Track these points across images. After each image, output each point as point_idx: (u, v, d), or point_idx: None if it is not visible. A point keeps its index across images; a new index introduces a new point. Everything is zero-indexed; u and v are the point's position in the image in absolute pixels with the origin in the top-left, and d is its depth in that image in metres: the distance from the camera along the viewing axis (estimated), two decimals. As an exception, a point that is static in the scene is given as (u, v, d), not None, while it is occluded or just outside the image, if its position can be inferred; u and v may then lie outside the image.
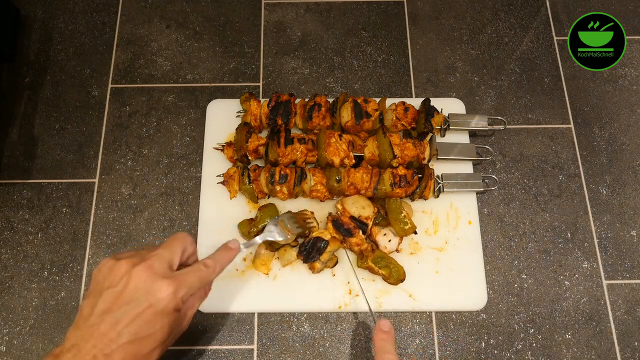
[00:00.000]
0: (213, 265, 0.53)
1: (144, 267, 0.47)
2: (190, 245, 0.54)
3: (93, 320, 0.46)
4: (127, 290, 0.46)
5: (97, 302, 0.47)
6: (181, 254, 0.52)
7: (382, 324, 0.59)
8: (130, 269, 0.47)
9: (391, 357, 0.56)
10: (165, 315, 0.47)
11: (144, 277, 0.47)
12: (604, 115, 0.84)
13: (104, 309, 0.46)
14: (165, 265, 0.49)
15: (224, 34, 0.89)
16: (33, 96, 0.84)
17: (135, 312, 0.45)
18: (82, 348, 0.44)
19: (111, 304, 0.46)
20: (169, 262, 0.50)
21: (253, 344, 0.70)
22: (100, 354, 0.44)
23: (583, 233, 0.77)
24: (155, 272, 0.47)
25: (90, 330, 0.45)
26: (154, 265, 0.48)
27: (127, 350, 0.45)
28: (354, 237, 0.69)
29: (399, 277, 0.69)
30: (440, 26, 0.90)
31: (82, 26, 0.89)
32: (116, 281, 0.47)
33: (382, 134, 0.73)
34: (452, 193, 0.76)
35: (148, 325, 0.46)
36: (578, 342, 0.71)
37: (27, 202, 0.77)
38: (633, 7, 0.91)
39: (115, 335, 0.45)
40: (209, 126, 0.81)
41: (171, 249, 0.51)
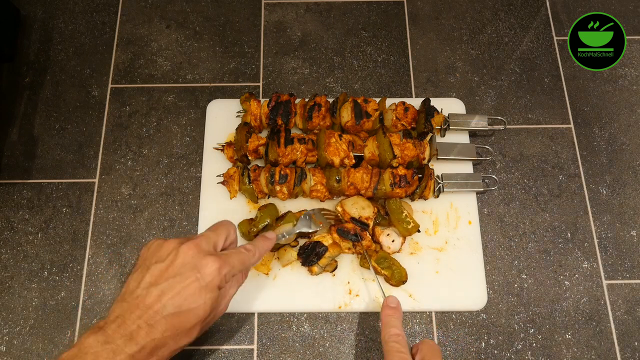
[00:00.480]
0: (253, 250, 0.56)
1: (192, 245, 0.50)
2: (233, 233, 0.57)
3: (139, 292, 0.47)
4: (175, 264, 0.48)
5: (144, 276, 0.48)
6: (225, 239, 0.55)
7: (390, 300, 0.62)
8: (178, 246, 0.50)
9: (396, 331, 0.57)
10: (209, 290, 0.49)
11: (191, 254, 0.49)
12: (604, 115, 0.84)
13: (150, 282, 0.48)
14: (210, 245, 0.52)
15: (224, 34, 0.89)
16: (33, 96, 0.84)
17: (181, 286, 0.47)
18: (127, 319, 0.45)
19: (158, 277, 0.48)
20: (214, 243, 0.52)
21: (253, 344, 0.70)
22: (145, 324, 0.45)
23: (583, 233, 0.77)
24: (201, 249, 0.50)
25: (136, 301, 0.47)
26: (200, 243, 0.51)
27: (170, 322, 0.46)
28: (365, 240, 0.69)
29: (400, 278, 0.69)
30: (440, 26, 0.90)
31: (82, 26, 0.89)
32: (164, 256, 0.49)
33: (382, 134, 0.73)
34: (452, 193, 0.76)
35: (192, 299, 0.47)
36: (578, 342, 0.71)
37: (27, 202, 0.77)
38: (633, 7, 0.91)
39: (160, 307, 0.46)
40: (209, 126, 0.81)
41: (217, 231, 0.54)
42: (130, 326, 0.45)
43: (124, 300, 0.47)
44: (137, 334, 0.45)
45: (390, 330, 0.58)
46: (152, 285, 0.47)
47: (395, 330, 0.57)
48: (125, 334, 0.45)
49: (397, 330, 0.57)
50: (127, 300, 0.47)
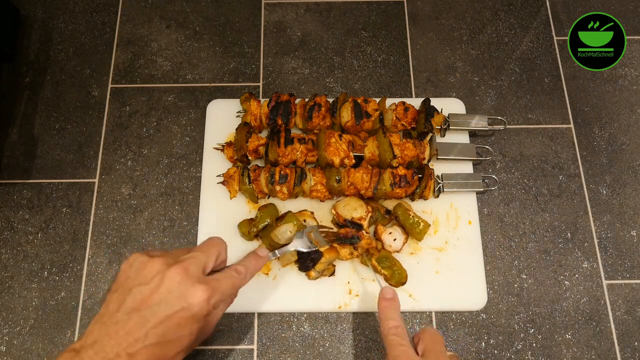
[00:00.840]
0: (244, 272, 0.52)
1: (179, 269, 0.46)
2: (224, 252, 0.53)
3: (119, 317, 0.44)
4: (160, 290, 0.45)
5: (125, 298, 0.45)
6: (215, 259, 0.50)
7: (385, 291, 0.60)
8: (164, 268, 0.46)
9: (395, 323, 0.55)
10: (195, 320, 0.46)
11: (178, 279, 0.45)
12: (604, 115, 0.84)
13: (132, 307, 0.44)
14: (200, 269, 0.48)
15: (224, 34, 0.89)
16: (33, 96, 0.84)
17: (165, 314, 0.44)
18: (106, 345, 0.43)
19: (140, 302, 0.45)
20: (203, 266, 0.48)
21: (253, 344, 0.70)
22: (124, 352, 0.42)
23: (583, 233, 0.77)
24: (190, 275, 0.46)
25: (116, 327, 0.43)
26: (189, 268, 0.46)
27: (152, 351, 0.43)
28: (364, 239, 0.69)
29: (400, 279, 0.69)
30: (440, 26, 0.90)
31: (82, 26, 0.89)
32: (148, 279, 0.46)
33: (382, 134, 0.73)
34: (452, 193, 0.76)
35: (177, 329, 0.45)
36: (578, 342, 0.71)
37: (27, 202, 0.77)
38: (633, 7, 0.91)
39: (142, 335, 0.43)
40: (209, 126, 0.81)
41: (207, 252, 0.50)
42: (108, 354, 0.42)
43: (103, 324, 0.44)
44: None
45: (389, 322, 0.55)
46: (133, 310, 0.44)
47: (394, 322, 0.55)
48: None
49: (395, 322, 0.55)
50: (106, 323, 0.44)
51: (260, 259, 0.57)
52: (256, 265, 0.56)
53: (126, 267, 0.48)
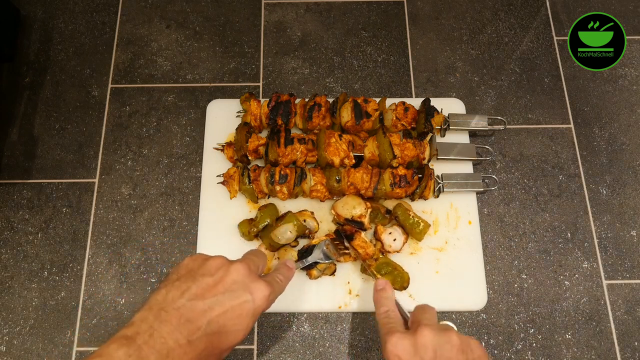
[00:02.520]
0: (284, 280, 0.56)
1: (243, 264, 0.48)
2: (264, 264, 0.55)
3: (182, 303, 0.43)
4: (225, 280, 0.46)
5: (190, 286, 0.45)
6: (264, 264, 0.54)
7: (378, 282, 0.61)
8: (228, 263, 0.48)
9: (384, 308, 0.57)
10: (255, 314, 0.47)
11: (243, 273, 0.47)
12: (604, 115, 0.84)
13: (197, 294, 0.44)
14: (257, 269, 0.51)
15: (224, 34, 0.89)
16: (33, 96, 0.84)
17: (230, 304, 0.45)
18: (164, 332, 0.41)
19: (206, 290, 0.45)
20: (257, 268, 0.51)
21: (253, 344, 0.70)
22: (185, 339, 0.41)
23: (583, 233, 0.77)
24: (252, 271, 0.48)
25: (177, 313, 0.42)
26: (250, 265, 0.49)
27: (210, 341, 0.43)
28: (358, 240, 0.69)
29: (402, 283, 0.69)
30: (440, 26, 0.90)
31: (82, 26, 0.89)
32: (213, 270, 0.47)
33: (382, 134, 0.73)
34: (452, 193, 0.76)
35: (238, 321, 0.45)
36: (578, 342, 0.71)
37: (27, 202, 0.77)
38: (633, 7, 0.91)
39: (204, 323, 0.43)
40: (209, 126, 0.81)
41: (259, 257, 0.53)
42: (167, 340, 0.40)
43: (162, 310, 0.42)
44: (173, 352, 0.40)
45: (380, 309, 0.57)
46: (198, 297, 0.44)
47: (384, 308, 0.56)
48: (160, 349, 0.40)
49: (386, 307, 0.57)
50: (165, 309, 0.42)
51: (290, 269, 0.58)
52: (289, 275, 0.58)
53: (189, 261, 0.49)
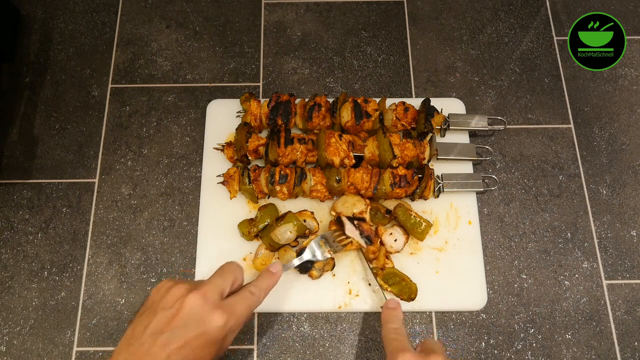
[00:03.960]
0: (258, 292, 0.55)
1: (198, 295, 0.49)
2: (240, 276, 0.56)
3: (144, 339, 0.47)
4: (180, 314, 0.48)
5: (150, 321, 0.49)
6: (231, 284, 0.54)
7: (389, 302, 0.63)
8: (185, 293, 0.50)
9: (393, 325, 0.59)
10: (213, 344, 0.49)
11: (198, 304, 0.49)
12: (604, 115, 0.84)
13: (156, 329, 0.48)
14: (217, 294, 0.51)
15: (224, 34, 0.89)
16: (33, 96, 0.84)
17: (186, 337, 0.47)
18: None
19: (164, 325, 0.48)
20: (221, 291, 0.52)
21: (253, 344, 0.70)
22: None
23: (583, 233, 0.77)
24: (208, 300, 0.50)
25: (141, 348, 0.47)
26: (207, 293, 0.50)
27: None
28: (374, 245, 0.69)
29: (410, 294, 0.69)
30: (440, 26, 0.90)
31: (82, 26, 0.89)
32: (170, 303, 0.50)
33: (382, 134, 0.73)
34: (452, 193, 0.76)
35: (196, 352, 0.48)
36: (578, 342, 0.71)
37: (27, 202, 0.77)
38: (633, 7, 0.91)
39: (165, 357, 0.46)
40: (209, 126, 0.81)
41: (224, 277, 0.53)
42: None
43: (130, 345, 0.48)
44: None
45: (389, 326, 0.59)
46: (157, 333, 0.48)
47: (393, 325, 0.59)
48: None
49: (395, 325, 0.59)
50: (133, 345, 0.48)
51: (273, 275, 0.58)
52: (269, 283, 0.57)
53: (155, 292, 0.52)
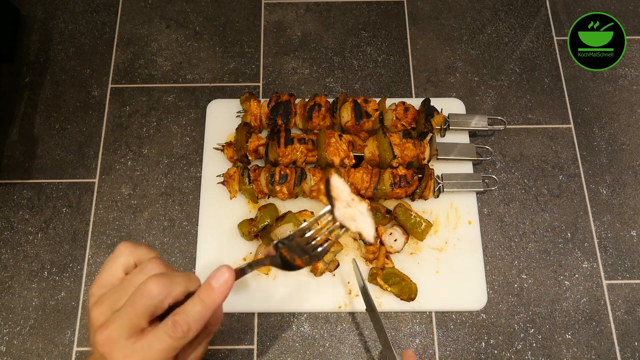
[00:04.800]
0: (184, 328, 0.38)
1: (101, 332, 0.37)
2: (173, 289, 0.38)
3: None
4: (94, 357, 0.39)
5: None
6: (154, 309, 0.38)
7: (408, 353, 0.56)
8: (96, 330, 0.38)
9: None
10: None
11: (101, 345, 0.37)
12: (604, 115, 0.84)
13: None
14: (124, 332, 0.37)
15: (224, 34, 0.89)
16: (33, 96, 0.84)
17: None
18: None
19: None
20: (130, 326, 0.37)
21: (253, 344, 0.70)
22: None
23: (583, 233, 0.77)
24: (112, 342, 0.37)
25: None
26: (111, 334, 0.37)
27: None
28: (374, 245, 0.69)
29: (410, 294, 0.69)
30: (440, 26, 0.90)
31: (82, 26, 0.89)
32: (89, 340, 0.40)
33: (382, 134, 0.73)
34: (452, 193, 0.76)
35: None
36: (578, 342, 0.71)
37: (27, 202, 0.77)
38: (633, 7, 0.91)
39: None
40: (209, 126, 0.81)
41: (134, 307, 0.37)
42: None
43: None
44: None
45: None
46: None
47: None
48: None
49: None
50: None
51: (213, 291, 0.39)
52: (208, 304, 0.39)
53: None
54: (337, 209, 0.44)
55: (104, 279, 0.41)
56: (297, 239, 0.45)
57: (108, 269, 0.41)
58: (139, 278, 0.38)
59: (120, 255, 0.41)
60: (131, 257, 0.41)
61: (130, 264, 0.41)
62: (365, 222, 0.45)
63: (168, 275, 0.39)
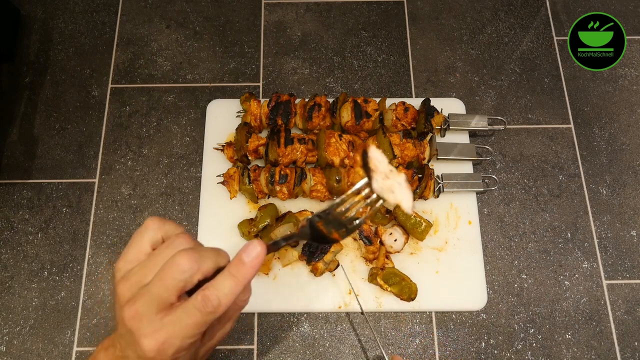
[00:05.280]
0: (215, 302, 0.37)
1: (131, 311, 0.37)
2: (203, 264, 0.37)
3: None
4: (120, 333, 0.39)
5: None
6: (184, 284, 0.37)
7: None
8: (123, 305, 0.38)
9: None
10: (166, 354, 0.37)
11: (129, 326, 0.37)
12: (604, 115, 0.84)
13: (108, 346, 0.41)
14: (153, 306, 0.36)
15: (224, 34, 0.89)
16: (33, 96, 0.84)
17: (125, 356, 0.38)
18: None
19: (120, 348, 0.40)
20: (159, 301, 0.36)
21: (253, 344, 0.70)
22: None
23: (583, 233, 0.77)
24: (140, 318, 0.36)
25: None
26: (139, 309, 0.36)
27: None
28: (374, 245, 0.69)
29: (410, 294, 0.69)
30: (440, 26, 0.90)
31: (82, 26, 0.89)
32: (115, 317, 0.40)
33: (382, 134, 0.73)
34: (452, 193, 0.76)
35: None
36: (578, 342, 0.71)
37: (27, 202, 0.77)
38: (633, 7, 0.91)
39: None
40: (209, 126, 0.81)
41: (163, 282, 0.36)
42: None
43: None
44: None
45: None
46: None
47: None
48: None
49: None
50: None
51: (244, 265, 0.38)
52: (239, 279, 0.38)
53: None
54: (376, 181, 0.43)
55: (131, 254, 0.40)
56: (333, 213, 0.43)
57: (135, 243, 0.40)
58: (168, 253, 0.38)
59: (147, 229, 0.40)
60: (159, 232, 0.40)
61: (158, 239, 0.40)
62: (403, 194, 0.44)
63: (197, 249, 0.38)
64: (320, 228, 0.43)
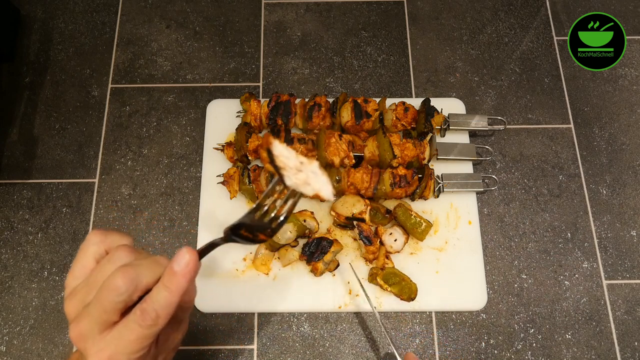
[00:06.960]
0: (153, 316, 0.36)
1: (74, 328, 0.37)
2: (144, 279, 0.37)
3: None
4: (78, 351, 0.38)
5: None
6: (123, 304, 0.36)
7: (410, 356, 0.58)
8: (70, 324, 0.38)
9: None
10: None
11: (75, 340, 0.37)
12: (604, 115, 0.84)
13: None
14: (95, 328, 0.36)
15: (224, 34, 0.89)
16: (33, 96, 0.84)
17: None
18: None
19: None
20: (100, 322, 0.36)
21: (253, 344, 0.70)
22: None
23: (583, 233, 0.77)
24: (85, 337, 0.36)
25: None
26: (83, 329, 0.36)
27: None
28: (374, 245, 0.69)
29: (410, 294, 0.69)
30: (440, 26, 0.90)
31: (82, 26, 0.89)
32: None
33: (382, 134, 0.73)
34: (452, 193, 0.76)
35: None
36: (578, 342, 0.71)
37: (27, 202, 0.77)
38: (633, 7, 0.91)
39: None
40: (209, 126, 0.81)
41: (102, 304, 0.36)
42: None
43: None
44: None
45: None
46: None
47: None
48: None
49: None
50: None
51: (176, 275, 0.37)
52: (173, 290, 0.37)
53: None
54: (288, 178, 0.41)
55: (77, 270, 0.40)
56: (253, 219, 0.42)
57: (79, 259, 0.41)
58: (108, 268, 0.37)
59: (89, 244, 0.41)
60: (102, 245, 0.41)
61: (102, 253, 0.40)
62: (320, 182, 0.42)
63: (134, 266, 0.37)
64: (245, 235, 0.42)
